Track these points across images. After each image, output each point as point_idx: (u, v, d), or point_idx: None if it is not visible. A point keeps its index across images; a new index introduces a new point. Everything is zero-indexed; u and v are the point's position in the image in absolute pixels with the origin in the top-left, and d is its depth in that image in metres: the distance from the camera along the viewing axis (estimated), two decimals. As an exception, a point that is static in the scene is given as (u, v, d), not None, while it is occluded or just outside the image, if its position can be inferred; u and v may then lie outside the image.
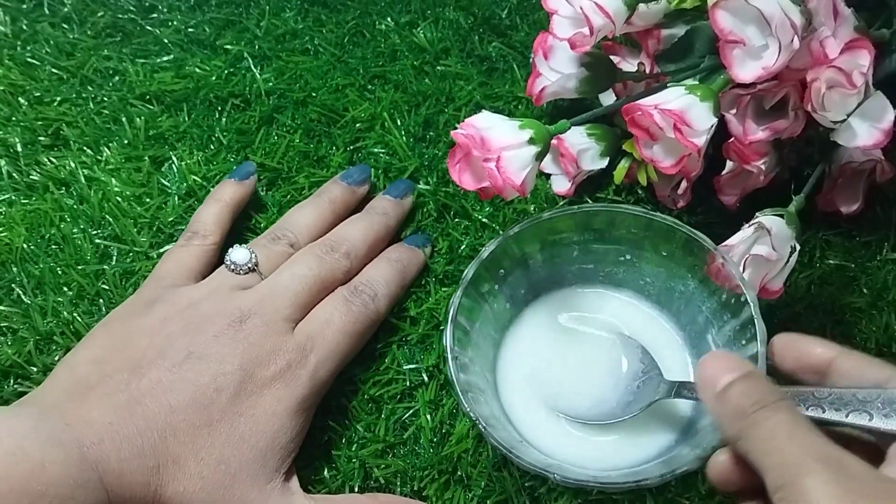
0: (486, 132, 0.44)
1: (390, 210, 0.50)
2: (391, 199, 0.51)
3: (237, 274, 0.45)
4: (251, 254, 0.45)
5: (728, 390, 0.33)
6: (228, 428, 0.39)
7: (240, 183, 0.50)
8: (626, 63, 0.52)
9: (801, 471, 0.28)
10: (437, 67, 0.59)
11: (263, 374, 0.41)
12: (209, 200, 0.49)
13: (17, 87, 0.58)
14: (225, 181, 0.50)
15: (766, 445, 0.30)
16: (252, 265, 0.45)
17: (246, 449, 0.39)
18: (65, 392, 0.39)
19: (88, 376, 0.39)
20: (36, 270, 0.49)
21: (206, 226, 0.47)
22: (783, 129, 0.45)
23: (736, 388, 0.32)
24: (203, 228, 0.47)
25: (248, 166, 0.51)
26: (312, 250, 0.46)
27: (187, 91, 0.57)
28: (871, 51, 0.42)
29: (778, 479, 0.29)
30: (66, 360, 0.41)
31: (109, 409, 0.38)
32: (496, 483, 0.43)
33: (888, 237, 0.51)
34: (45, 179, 0.53)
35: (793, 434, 0.30)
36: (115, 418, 0.38)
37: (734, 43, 0.42)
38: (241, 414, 0.40)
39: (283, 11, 0.61)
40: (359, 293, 0.45)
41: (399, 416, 0.45)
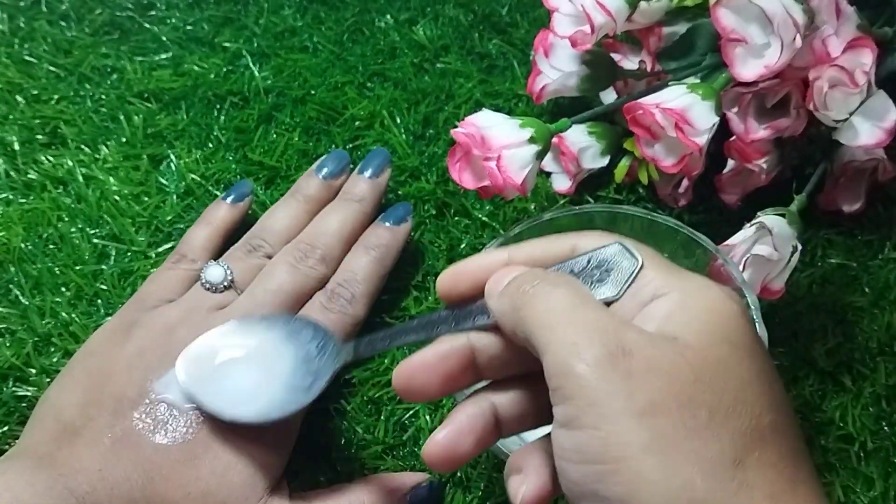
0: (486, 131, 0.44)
1: (367, 194, 0.48)
2: (366, 179, 0.49)
3: (213, 293, 0.43)
4: (226, 270, 0.44)
5: (511, 283, 0.31)
6: (213, 459, 0.39)
7: (234, 206, 0.48)
8: (627, 61, 0.52)
9: (579, 351, 0.27)
10: (437, 65, 0.58)
11: None
12: (200, 222, 0.48)
13: (14, 84, 0.57)
14: (219, 202, 0.49)
15: (548, 318, 0.29)
16: (228, 282, 0.44)
17: (233, 475, 0.39)
18: (54, 440, 0.38)
19: (74, 420, 0.39)
20: (34, 270, 0.49)
21: (195, 250, 0.46)
22: (785, 127, 0.45)
23: (519, 277, 0.31)
24: (191, 252, 0.46)
25: (245, 186, 0.49)
26: (286, 258, 0.45)
27: (185, 89, 0.57)
28: (873, 49, 0.42)
29: (553, 363, 0.28)
30: (50, 402, 0.40)
31: (98, 456, 0.38)
32: (496, 484, 0.43)
33: (890, 236, 0.51)
34: (43, 178, 0.53)
35: (576, 306, 0.29)
36: (104, 464, 0.37)
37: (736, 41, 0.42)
38: (225, 442, 0.39)
39: (281, 9, 0.61)
40: (336, 297, 0.44)
41: (398, 417, 0.45)
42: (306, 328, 0.41)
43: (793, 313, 0.48)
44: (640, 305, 0.30)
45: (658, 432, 0.26)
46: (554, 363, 0.28)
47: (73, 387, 0.40)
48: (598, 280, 0.31)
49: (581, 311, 0.29)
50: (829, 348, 0.47)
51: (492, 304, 0.32)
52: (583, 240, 0.33)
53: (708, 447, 0.26)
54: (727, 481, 0.25)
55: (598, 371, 0.26)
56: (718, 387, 0.27)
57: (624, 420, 0.26)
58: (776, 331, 0.39)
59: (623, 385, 0.26)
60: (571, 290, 0.30)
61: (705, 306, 0.29)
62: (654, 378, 0.26)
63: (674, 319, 0.28)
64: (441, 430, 0.32)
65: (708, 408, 0.26)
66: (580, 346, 0.27)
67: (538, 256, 0.33)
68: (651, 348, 0.27)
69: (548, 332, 0.28)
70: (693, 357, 0.27)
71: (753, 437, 0.26)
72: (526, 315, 0.29)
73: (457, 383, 0.34)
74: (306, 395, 0.39)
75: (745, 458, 0.26)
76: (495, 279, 0.33)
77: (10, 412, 0.45)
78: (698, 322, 0.28)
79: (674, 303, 0.29)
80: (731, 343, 0.28)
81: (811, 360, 0.47)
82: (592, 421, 0.26)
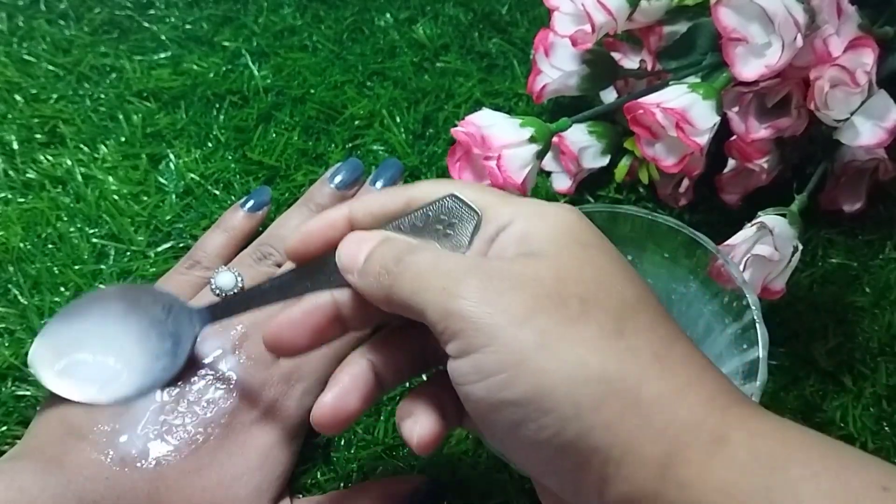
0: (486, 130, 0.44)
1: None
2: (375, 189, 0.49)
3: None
4: (237, 277, 0.44)
5: (369, 260, 0.32)
6: (219, 470, 0.38)
7: (251, 216, 0.48)
8: (627, 60, 0.52)
9: (452, 293, 0.29)
10: (437, 64, 0.58)
11: (251, 413, 0.40)
12: (217, 229, 0.47)
13: (13, 84, 0.57)
14: (237, 209, 0.48)
15: (417, 283, 0.30)
16: (238, 289, 0.43)
17: (239, 487, 0.38)
18: (60, 442, 0.38)
19: (80, 424, 0.39)
20: (32, 270, 0.49)
21: (210, 257, 0.46)
22: (786, 127, 0.45)
23: (375, 254, 0.32)
24: (206, 259, 0.45)
25: (264, 194, 0.49)
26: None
27: (185, 88, 0.57)
28: (874, 49, 0.42)
29: (434, 314, 0.29)
30: (56, 403, 0.40)
31: (104, 464, 0.38)
32: (496, 485, 0.43)
33: (891, 236, 0.51)
34: (42, 177, 0.53)
35: (438, 263, 0.31)
36: (110, 473, 0.37)
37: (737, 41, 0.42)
38: (232, 454, 0.39)
39: (281, 8, 0.61)
40: None
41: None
42: (145, 294, 0.40)
43: (793, 313, 0.48)
44: (488, 241, 0.32)
45: (542, 329, 0.28)
46: (434, 312, 0.30)
47: None
48: (444, 234, 0.33)
49: (444, 263, 0.31)
50: (829, 348, 0.47)
51: (353, 281, 0.33)
52: (416, 191, 0.34)
53: (588, 328, 0.28)
54: (614, 352, 0.28)
55: (473, 300, 0.29)
56: (581, 279, 0.29)
57: (510, 330, 0.28)
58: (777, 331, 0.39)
59: (499, 303, 0.29)
60: (429, 251, 0.32)
61: (549, 222, 0.31)
62: (524, 288, 0.29)
63: (525, 241, 0.31)
64: (326, 394, 0.34)
65: (577, 298, 0.29)
66: (450, 288, 0.29)
67: (377, 211, 0.34)
68: (513, 267, 0.30)
69: (421, 294, 0.30)
70: (552, 263, 0.30)
71: (624, 310, 0.29)
72: (397, 291, 0.31)
73: (324, 336, 0.35)
74: (174, 359, 0.38)
75: (623, 329, 0.29)
76: (349, 252, 0.33)
77: (8, 412, 0.45)
78: (546, 235, 0.31)
79: (520, 228, 0.31)
80: (580, 243, 0.31)
81: (812, 361, 0.46)
82: (483, 341, 0.28)
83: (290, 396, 0.41)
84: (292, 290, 0.35)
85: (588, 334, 0.28)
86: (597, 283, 0.30)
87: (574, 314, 0.28)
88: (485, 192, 0.33)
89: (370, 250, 0.33)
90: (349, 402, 0.33)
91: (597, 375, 0.28)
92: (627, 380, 0.28)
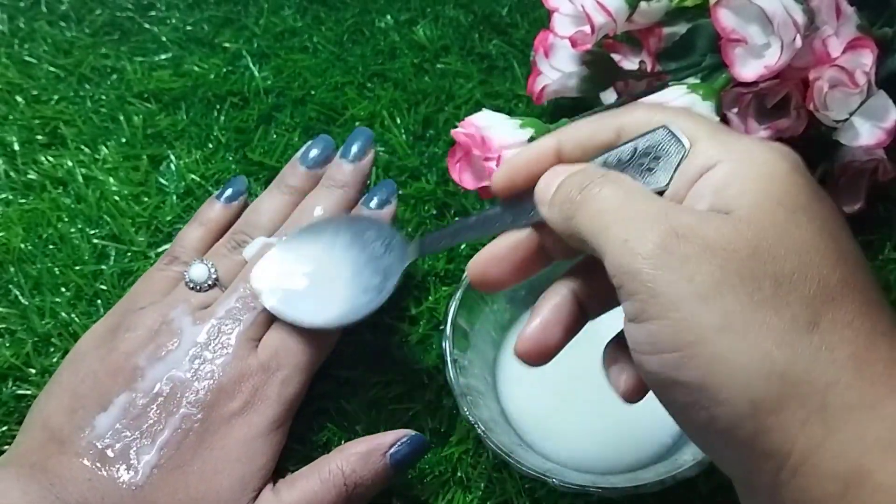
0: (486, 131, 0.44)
1: (350, 179, 0.46)
2: (348, 164, 0.47)
3: (198, 292, 0.43)
4: (210, 269, 0.43)
5: (559, 190, 0.31)
6: (201, 465, 0.38)
7: (228, 206, 0.47)
8: (627, 61, 0.52)
9: (633, 249, 0.27)
10: (437, 65, 0.58)
11: (230, 406, 0.40)
12: (193, 223, 0.47)
13: (14, 85, 0.57)
14: (213, 201, 0.48)
15: (599, 222, 0.28)
16: (212, 281, 0.43)
17: (222, 479, 0.38)
18: (42, 447, 0.38)
19: (62, 427, 0.39)
20: (33, 271, 0.49)
21: (188, 251, 0.45)
22: (785, 128, 0.45)
23: (566, 183, 0.31)
24: (184, 254, 0.45)
25: (239, 184, 0.48)
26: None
27: (185, 89, 0.57)
28: (873, 50, 0.42)
29: (611, 265, 0.27)
30: (38, 408, 0.40)
31: (86, 466, 0.38)
32: (496, 484, 0.43)
33: (890, 236, 0.51)
34: (43, 178, 0.53)
35: (624, 204, 0.28)
36: (92, 475, 0.37)
37: (736, 41, 0.42)
38: (213, 448, 0.39)
39: (281, 9, 0.61)
40: None
41: (398, 417, 0.45)
42: (370, 228, 0.42)
43: (793, 314, 0.48)
44: (689, 183, 0.29)
45: (726, 310, 0.25)
46: (611, 264, 0.27)
47: (60, 393, 0.40)
48: (647, 169, 0.30)
49: (629, 207, 0.28)
50: (829, 349, 0.47)
51: (544, 213, 0.32)
52: (627, 118, 0.32)
53: (779, 316, 0.25)
54: (804, 347, 0.25)
55: (654, 262, 0.26)
56: (779, 255, 0.26)
57: (689, 305, 0.26)
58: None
59: (682, 271, 0.26)
60: (618, 186, 0.29)
61: (754, 172, 0.28)
62: (712, 258, 0.26)
63: (724, 193, 0.28)
64: (528, 325, 0.32)
65: (771, 278, 0.26)
66: (632, 241, 0.27)
67: (585, 142, 0.32)
68: (704, 228, 0.27)
69: (600, 236, 0.28)
70: (747, 229, 0.26)
71: (824, 298, 0.26)
72: (577, 223, 0.29)
73: (530, 269, 0.34)
74: (379, 294, 0.40)
75: (818, 321, 0.25)
76: (544, 183, 0.32)
77: (9, 412, 0.45)
78: (749, 191, 0.27)
79: (722, 174, 0.28)
80: (786, 206, 0.27)
81: (811, 361, 0.46)
82: (659, 311, 0.26)
83: (269, 385, 0.41)
84: (497, 224, 0.34)
85: (778, 323, 0.25)
86: (797, 260, 0.26)
87: (765, 297, 0.25)
88: (699, 125, 0.30)
89: (563, 180, 0.31)
90: (552, 333, 0.32)
91: (781, 372, 0.25)
92: (816, 382, 0.25)
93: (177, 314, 0.42)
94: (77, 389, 0.40)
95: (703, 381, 0.25)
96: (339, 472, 0.40)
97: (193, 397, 0.40)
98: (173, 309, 0.42)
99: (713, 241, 0.26)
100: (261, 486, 0.39)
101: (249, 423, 0.40)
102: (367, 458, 0.40)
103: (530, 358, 0.32)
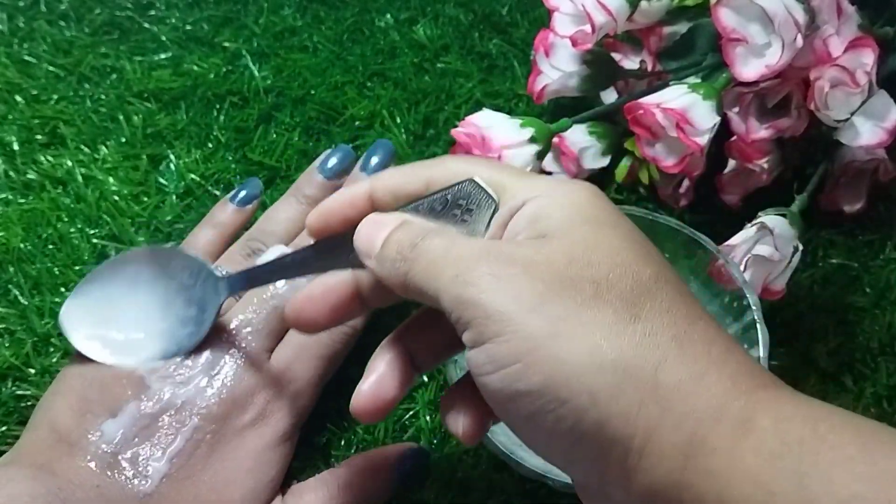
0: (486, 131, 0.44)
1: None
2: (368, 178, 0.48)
3: None
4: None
5: (386, 245, 0.32)
6: (212, 476, 0.38)
7: (241, 210, 0.47)
8: (627, 61, 0.52)
9: (464, 280, 0.29)
10: (437, 65, 0.58)
11: (243, 417, 0.40)
12: (205, 224, 0.46)
13: (13, 84, 0.57)
14: (226, 203, 0.47)
15: (431, 270, 0.30)
16: None
17: (232, 491, 0.38)
18: (50, 448, 0.38)
19: (70, 429, 0.38)
20: (33, 271, 0.49)
21: (199, 254, 0.44)
22: (786, 127, 0.45)
23: (392, 239, 0.32)
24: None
25: (254, 188, 0.47)
26: None
27: (185, 89, 0.57)
28: (874, 49, 0.42)
29: (448, 302, 0.29)
30: (45, 408, 0.40)
31: (94, 471, 0.37)
32: (496, 485, 0.43)
33: (891, 236, 0.51)
34: (42, 178, 0.53)
35: (450, 250, 0.30)
36: (101, 481, 0.37)
37: (737, 41, 0.42)
38: (224, 459, 0.39)
39: (281, 8, 0.61)
40: None
41: (398, 417, 0.45)
42: (174, 258, 0.40)
43: (794, 314, 0.48)
44: (503, 225, 0.31)
45: (554, 317, 0.27)
46: (447, 301, 0.29)
47: (68, 394, 0.40)
48: (461, 220, 0.32)
49: (456, 250, 0.30)
50: (830, 349, 0.47)
51: (371, 266, 0.33)
52: (436, 170, 0.33)
53: (602, 313, 0.27)
54: (630, 336, 0.27)
55: (483, 287, 0.28)
56: (593, 261, 0.28)
57: (521, 318, 0.27)
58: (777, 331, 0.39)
59: (509, 290, 0.28)
60: (443, 236, 0.31)
61: (560, 202, 0.30)
62: (534, 273, 0.28)
63: (537, 224, 0.30)
64: (364, 382, 0.33)
65: (590, 281, 0.28)
66: (462, 275, 0.29)
67: (396, 190, 0.34)
68: (524, 251, 0.29)
69: (435, 281, 0.30)
70: (562, 244, 0.29)
71: (640, 292, 0.28)
72: (413, 277, 0.31)
73: (345, 313, 0.35)
74: (199, 326, 0.39)
75: (639, 313, 0.28)
76: (367, 237, 0.33)
77: (9, 412, 0.45)
78: (558, 217, 0.30)
79: (532, 209, 0.31)
80: (593, 223, 0.30)
81: (812, 361, 0.46)
82: (495, 330, 0.28)
83: (281, 398, 0.41)
84: (313, 265, 0.35)
85: (602, 319, 0.27)
86: (610, 264, 0.28)
87: (587, 298, 0.28)
88: (503, 173, 0.32)
89: (387, 235, 0.32)
90: (387, 388, 0.33)
91: (612, 362, 0.27)
92: (645, 366, 0.27)
93: None
94: (85, 393, 0.39)
95: (544, 384, 0.27)
96: (348, 487, 0.40)
97: (205, 408, 0.39)
98: None
99: (533, 260, 0.29)
100: (271, 497, 0.39)
101: (261, 435, 0.40)
102: (375, 473, 0.41)
103: (365, 416, 0.33)
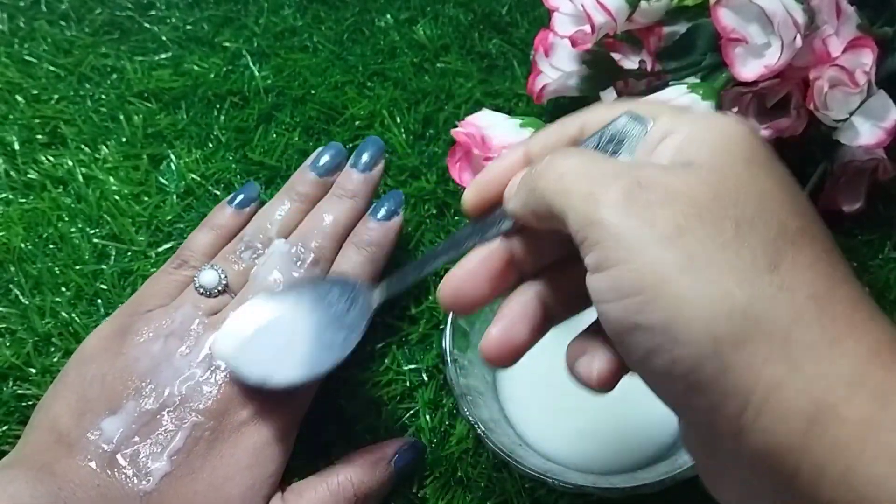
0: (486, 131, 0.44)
1: (360, 190, 0.47)
2: (359, 174, 0.47)
3: (207, 297, 0.43)
4: (220, 274, 0.43)
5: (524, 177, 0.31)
6: (211, 472, 0.38)
7: (239, 212, 0.47)
8: (627, 61, 0.52)
9: (597, 199, 0.27)
10: (437, 64, 0.58)
11: (241, 414, 0.40)
12: (204, 227, 0.47)
13: (14, 84, 0.57)
14: (224, 206, 0.47)
15: (561, 184, 0.28)
16: (222, 286, 0.43)
17: (231, 487, 0.38)
18: (50, 449, 0.38)
19: (70, 430, 0.39)
20: (34, 270, 0.49)
21: (197, 256, 0.45)
22: (785, 127, 0.45)
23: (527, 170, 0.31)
24: (193, 259, 0.45)
25: (252, 190, 0.48)
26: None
27: (185, 89, 0.57)
28: (873, 49, 0.42)
29: (575, 220, 0.27)
30: (45, 409, 0.40)
31: (94, 471, 0.38)
32: (496, 484, 0.43)
33: (890, 236, 0.51)
34: (43, 178, 0.53)
35: (586, 166, 0.28)
36: (101, 480, 0.37)
37: (736, 41, 0.42)
38: (223, 456, 0.39)
39: (281, 8, 0.61)
40: None
41: (399, 416, 0.45)
42: (333, 288, 0.40)
43: (793, 313, 0.48)
44: (650, 150, 0.29)
45: (687, 252, 0.26)
46: (576, 219, 0.27)
47: (67, 394, 0.40)
48: (612, 153, 0.31)
49: (592, 167, 0.28)
50: (829, 348, 0.47)
51: (510, 206, 0.31)
52: (589, 115, 0.32)
53: (740, 257, 0.25)
54: (765, 286, 0.25)
55: (617, 210, 0.26)
56: (739, 199, 0.26)
57: (652, 248, 0.26)
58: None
59: (645, 216, 0.26)
60: (579, 153, 0.30)
61: (715, 133, 0.28)
62: (674, 202, 0.26)
63: (685, 149, 0.28)
64: (494, 326, 0.32)
65: (732, 220, 0.26)
66: (596, 193, 0.27)
67: (552, 144, 0.33)
68: (666, 177, 0.27)
69: (564, 195, 0.28)
70: (709, 176, 0.27)
71: (784, 241, 0.26)
72: (541, 190, 0.29)
73: (503, 284, 0.33)
74: (342, 348, 0.39)
75: (779, 263, 0.26)
76: (511, 183, 0.32)
77: (10, 412, 0.45)
78: (710, 146, 0.28)
79: (682, 136, 0.29)
80: (746, 159, 0.28)
81: (811, 360, 0.46)
82: (622, 256, 0.26)
83: (279, 393, 0.40)
84: (465, 243, 0.34)
85: (739, 264, 0.25)
86: (757, 206, 0.26)
87: (727, 239, 0.26)
88: (659, 106, 0.31)
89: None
90: (518, 332, 0.32)
91: (742, 310, 0.25)
92: (778, 320, 0.25)
93: (187, 319, 0.42)
94: (85, 392, 0.40)
95: (666, 322, 0.25)
96: (347, 483, 0.40)
97: (204, 405, 0.39)
98: (183, 314, 0.42)
99: (675, 188, 0.27)
100: (270, 493, 0.40)
101: (259, 432, 0.40)
102: (373, 468, 0.41)
103: (494, 359, 0.32)
